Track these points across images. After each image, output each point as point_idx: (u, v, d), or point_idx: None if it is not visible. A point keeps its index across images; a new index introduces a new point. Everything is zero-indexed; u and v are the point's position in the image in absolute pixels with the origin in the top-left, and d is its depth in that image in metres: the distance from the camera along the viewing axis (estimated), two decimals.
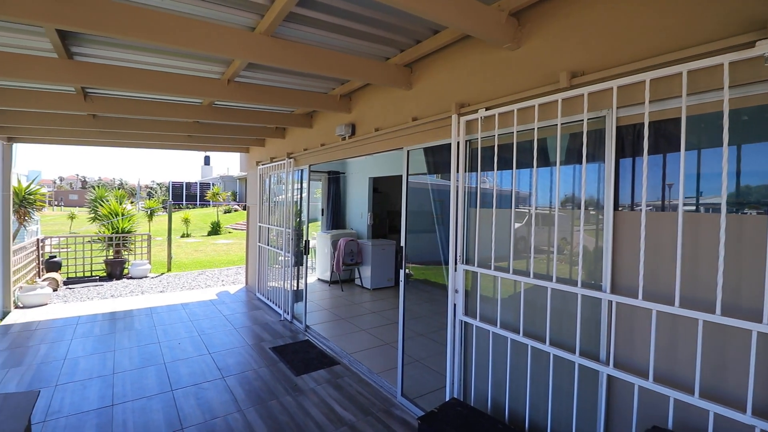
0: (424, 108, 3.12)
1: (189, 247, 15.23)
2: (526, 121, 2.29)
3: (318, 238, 7.93)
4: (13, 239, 6.65)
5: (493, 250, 2.41)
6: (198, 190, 39.13)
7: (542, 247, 2.28)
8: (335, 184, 8.42)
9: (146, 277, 8.90)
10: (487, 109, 2.51)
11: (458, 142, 2.64)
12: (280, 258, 5.94)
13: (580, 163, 2.02)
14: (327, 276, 7.69)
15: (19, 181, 8.39)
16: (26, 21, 2.03)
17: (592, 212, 2.05)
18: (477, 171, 2.56)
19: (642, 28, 1.84)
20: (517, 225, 2.38)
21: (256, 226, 7.01)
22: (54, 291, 7.30)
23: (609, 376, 1.93)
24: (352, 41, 2.84)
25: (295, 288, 5.60)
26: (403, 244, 3.23)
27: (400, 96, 3.41)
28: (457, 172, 2.62)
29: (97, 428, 2.95)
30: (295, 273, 5.54)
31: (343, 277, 7.46)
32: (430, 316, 3.91)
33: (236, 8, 2.40)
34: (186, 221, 20.40)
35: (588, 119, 1.98)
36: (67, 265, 8.69)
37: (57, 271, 8.11)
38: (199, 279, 8.86)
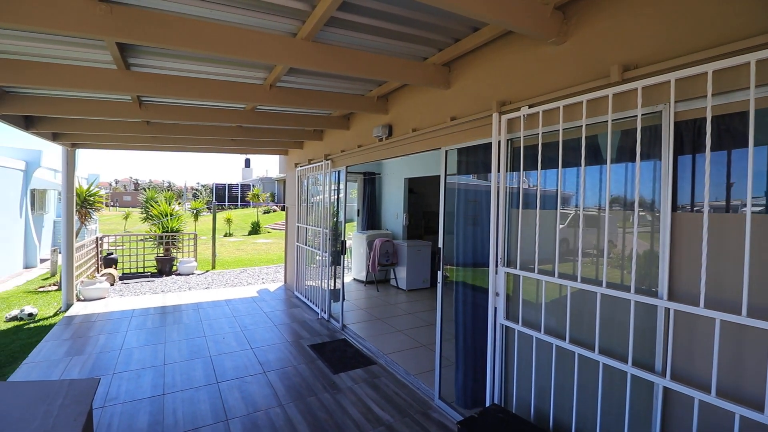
0: (463, 107, 3.07)
1: (231, 245, 15.90)
2: (573, 118, 2.20)
3: (353, 238, 8.03)
4: (75, 237, 7.23)
5: (536, 253, 2.33)
6: (239, 191, 40.75)
7: (590, 250, 2.17)
8: (371, 185, 8.48)
9: (193, 273, 9.38)
10: (530, 106, 2.43)
11: (499, 141, 2.58)
12: (317, 257, 6.06)
13: (633, 161, 1.92)
14: (362, 276, 7.76)
15: (80, 184, 9.12)
16: (89, 35, 2.20)
17: (645, 214, 1.94)
18: (519, 170, 2.49)
19: (702, 16, 1.72)
20: (561, 226, 2.29)
21: (294, 226, 7.20)
22: (111, 285, 7.86)
23: (665, 389, 1.81)
24: (390, 42, 2.85)
25: (332, 287, 5.69)
26: (440, 245, 3.20)
27: (438, 95, 3.39)
28: (498, 171, 2.56)
29: (150, 415, 3.15)
30: (332, 272, 5.64)
31: (378, 278, 7.50)
32: (463, 320, 3.84)
33: (279, 15, 2.47)
34: (228, 221, 21.32)
35: (642, 115, 1.87)
36: (122, 262, 9.33)
37: (113, 267, 8.73)
38: (241, 276, 9.23)
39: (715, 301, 1.65)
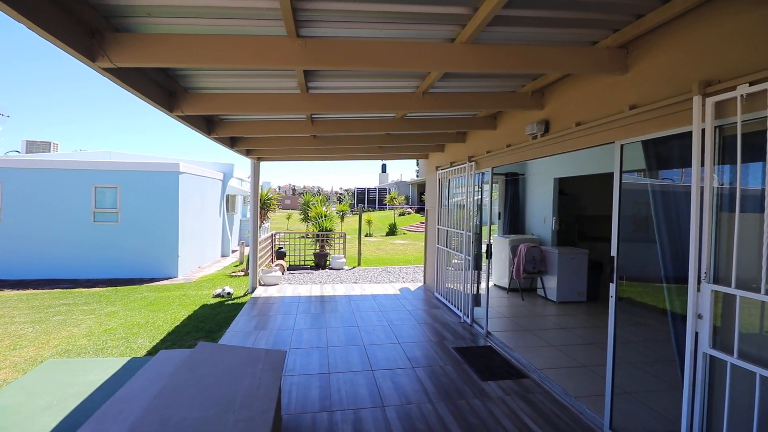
0: (646, 93, 2.64)
1: (372, 245, 17.15)
2: None
3: (495, 242, 7.72)
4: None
5: (764, 269, 1.83)
6: (377, 194, 43.78)
7: None
8: (513, 187, 8.04)
9: (342, 269, 10.45)
10: (751, 84, 1.93)
11: (702, 130, 2.12)
12: (457, 261, 6.03)
13: None
14: (504, 282, 7.41)
15: (261, 190, 11.12)
16: (289, 67, 2.64)
17: None
18: (736, 164, 1.99)
19: None
20: None
21: (434, 229, 7.33)
22: (282, 274, 9.33)
23: None
24: (555, 31, 2.64)
25: (474, 291, 5.59)
26: (614, 253, 2.80)
27: (611, 83, 2.99)
28: (702, 166, 2.11)
29: (320, 389, 3.60)
30: (474, 276, 5.53)
31: (522, 286, 7.04)
32: (642, 343, 3.28)
33: (438, 23, 2.52)
34: (369, 222, 23.09)
35: None
36: (289, 255, 11.00)
37: (283, 259, 10.35)
38: (383, 274, 9.87)
39: None
